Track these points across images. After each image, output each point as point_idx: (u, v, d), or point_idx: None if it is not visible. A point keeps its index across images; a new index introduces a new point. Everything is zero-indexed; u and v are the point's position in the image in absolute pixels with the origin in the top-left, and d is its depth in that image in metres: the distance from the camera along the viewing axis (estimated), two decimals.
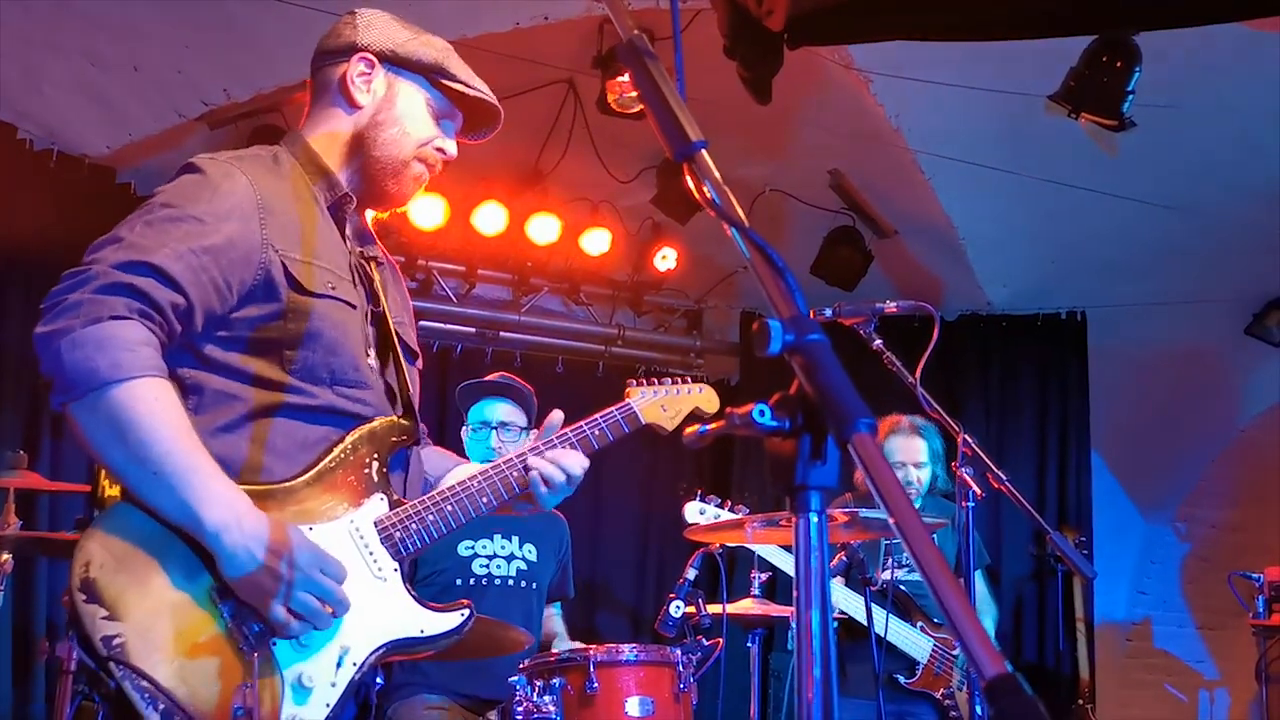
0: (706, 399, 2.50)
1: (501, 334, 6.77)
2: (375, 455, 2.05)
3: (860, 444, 0.94)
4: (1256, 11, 3.93)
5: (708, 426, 1.10)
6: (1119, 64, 4.26)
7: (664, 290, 7.22)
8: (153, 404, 1.77)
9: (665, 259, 6.68)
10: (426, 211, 5.96)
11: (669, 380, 2.48)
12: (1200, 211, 5.77)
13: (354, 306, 2.07)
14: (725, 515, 3.99)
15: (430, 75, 2.18)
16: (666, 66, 1.39)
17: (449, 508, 2.09)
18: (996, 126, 5.37)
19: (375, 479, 2.04)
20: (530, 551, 4.27)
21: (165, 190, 1.96)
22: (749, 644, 3.83)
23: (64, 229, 5.16)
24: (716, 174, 1.23)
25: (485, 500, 2.12)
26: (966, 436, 3.27)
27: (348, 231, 2.17)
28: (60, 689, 3.53)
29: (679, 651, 3.25)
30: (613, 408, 2.35)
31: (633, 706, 3.12)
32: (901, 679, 4.65)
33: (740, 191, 1.25)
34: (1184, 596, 7.13)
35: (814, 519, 1.02)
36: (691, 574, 3.52)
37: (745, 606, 3.74)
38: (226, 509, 1.80)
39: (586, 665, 3.11)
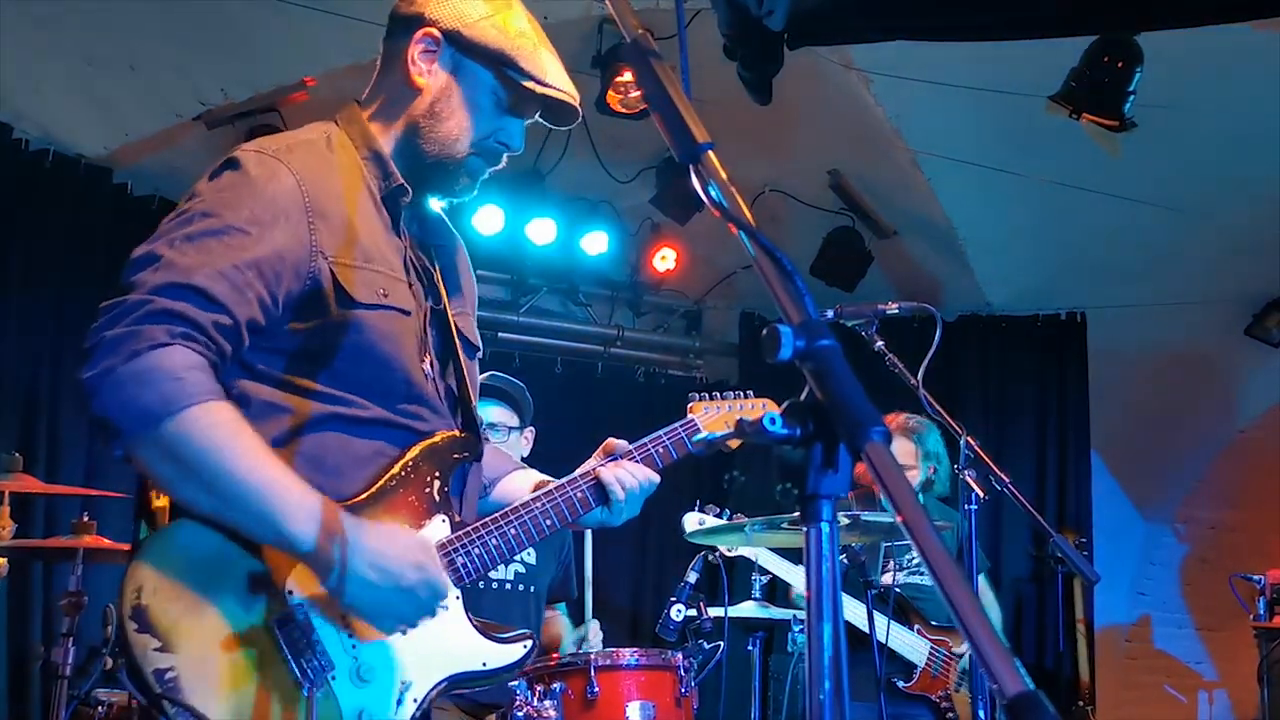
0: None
1: (500, 334, 6.75)
2: (437, 474, 1.92)
3: (874, 453, 0.93)
4: (1258, 12, 3.92)
5: (716, 435, 1.08)
6: (1120, 64, 4.25)
7: (663, 291, 7.21)
8: (210, 431, 1.66)
9: (664, 259, 6.67)
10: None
11: (730, 394, 2.36)
12: (1200, 212, 5.76)
13: (408, 313, 1.92)
14: (724, 524, 3.97)
15: (496, 66, 1.96)
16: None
17: (512, 531, 1.97)
18: (997, 126, 5.36)
19: (437, 499, 1.92)
20: (529, 554, 4.24)
21: (205, 192, 1.81)
22: (750, 647, 3.81)
23: (60, 230, 5.16)
24: (724, 175, 1.21)
25: (549, 523, 2.02)
26: (969, 439, 3.25)
27: (403, 223, 2.00)
28: (55, 694, 3.50)
29: (680, 655, 3.23)
30: (676, 424, 2.22)
31: (634, 711, 3.09)
32: (899, 683, 4.64)
33: (739, 192, 1.23)
34: (1183, 598, 7.11)
35: (825, 528, 0.99)
36: (693, 577, 3.50)
37: (746, 609, 3.72)
38: (313, 521, 1.69)
39: (587, 669, 3.09)
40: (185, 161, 5.33)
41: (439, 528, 1.91)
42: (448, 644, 1.87)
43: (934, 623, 4.81)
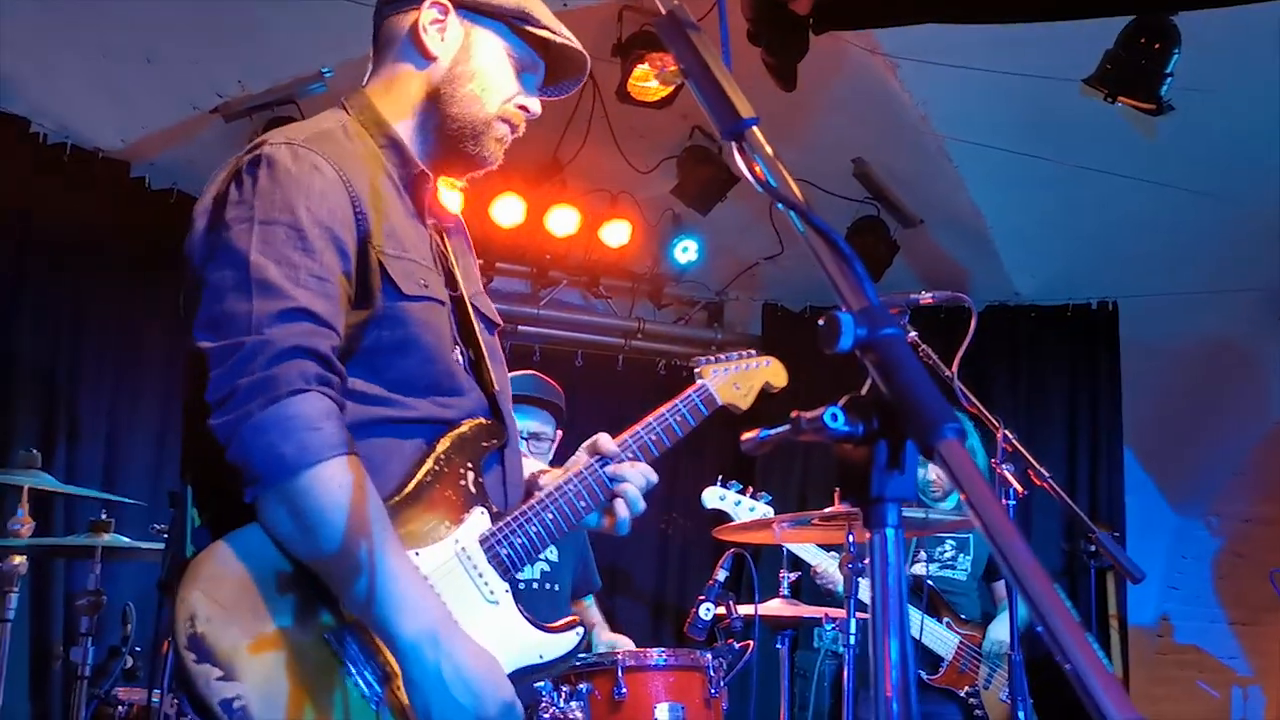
0: (774, 372, 2.36)
1: (520, 327, 6.68)
2: (469, 465, 1.88)
3: (950, 452, 0.84)
4: None
5: (769, 431, 1.00)
6: (1157, 45, 4.14)
7: (684, 282, 7.12)
8: (339, 493, 1.61)
9: (686, 251, 6.59)
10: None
11: (735, 354, 2.32)
12: (1235, 199, 5.63)
13: (443, 304, 1.90)
14: (745, 501, 3.90)
15: (510, 21, 1.95)
16: None
17: (549, 516, 1.94)
18: (1026, 112, 5.25)
19: (473, 490, 1.88)
20: (552, 552, 4.18)
21: (251, 198, 1.72)
22: (779, 645, 3.74)
23: (78, 224, 5.11)
24: (770, 152, 1.13)
25: (583, 504, 1.97)
26: (1007, 433, 3.16)
27: (425, 211, 1.98)
28: (76, 693, 3.46)
29: (709, 655, 3.16)
30: (690, 391, 2.19)
31: (662, 713, 3.03)
32: (924, 675, 4.57)
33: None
34: (1216, 592, 6.99)
35: (891, 534, 0.91)
36: (722, 575, 3.43)
37: (775, 607, 3.65)
38: (424, 620, 1.64)
39: (614, 670, 3.02)
40: (203, 154, 5.28)
41: (479, 520, 1.86)
42: (504, 640, 1.82)
43: (964, 616, 4.73)
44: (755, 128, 1.17)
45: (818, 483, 6.78)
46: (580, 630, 1.92)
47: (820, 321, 0.93)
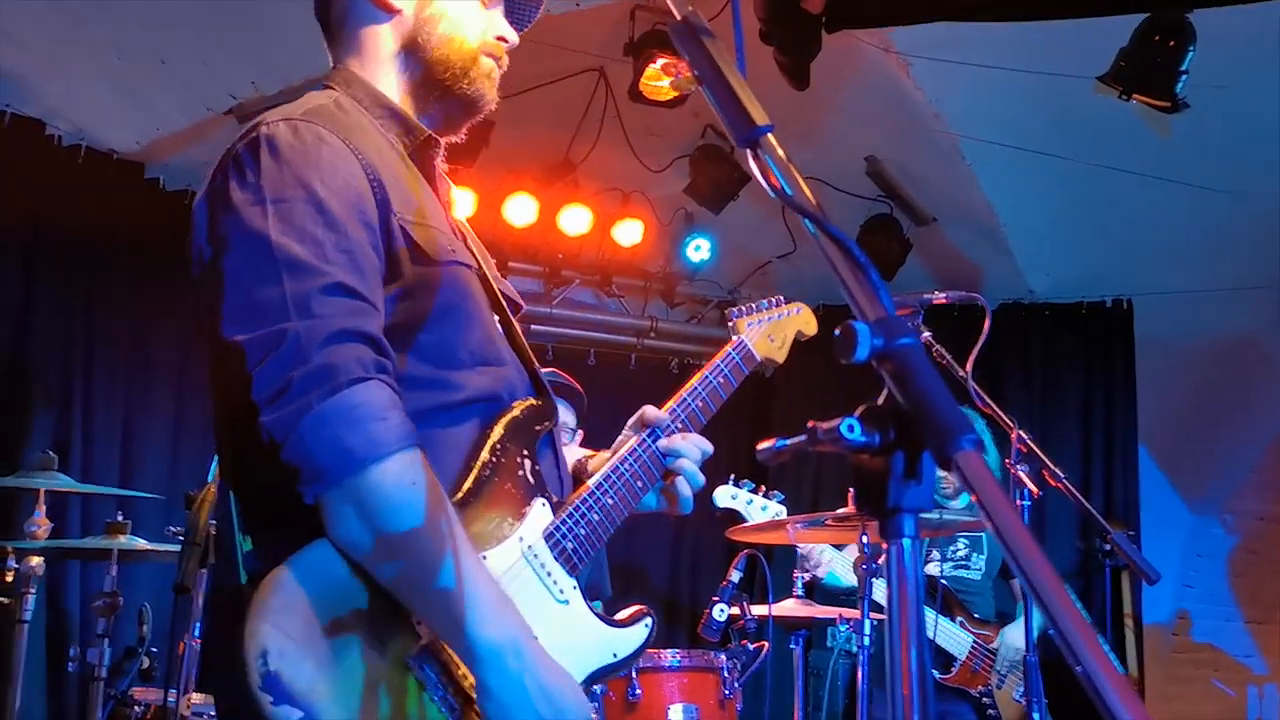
0: (805, 320, 2.25)
1: (533, 326, 6.69)
2: (525, 452, 1.75)
3: (966, 463, 0.84)
4: None
5: (785, 442, 1.00)
6: (1172, 43, 4.11)
7: (697, 281, 7.12)
8: (410, 490, 1.48)
9: (699, 249, 6.59)
10: (456, 203, 5.89)
11: (767, 303, 2.20)
12: (1250, 195, 5.59)
13: (472, 268, 1.77)
14: (758, 500, 3.89)
15: None
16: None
17: (610, 501, 1.83)
18: (1040, 109, 5.22)
19: (531, 480, 1.75)
20: None
21: (257, 179, 1.58)
22: (792, 645, 3.74)
23: (93, 225, 5.14)
24: (785, 159, 1.12)
25: (640, 485, 1.87)
26: (1021, 434, 3.15)
27: (437, 180, 1.87)
28: (92, 694, 3.48)
29: (723, 656, 3.16)
30: (728, 349, 2.08)
31: (676, 714, 3.03)
32: (937, 674, 4.56)
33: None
34: (1231, 590, 6.96)
35: (908, 545, 0.91)
36: (736, 576, 3.42)
37: (788, 608, 3.65)
38: (507, 629, 1.53)
39: (628, 671, 3.02)
40: (217, 155, 5.29)
41: (541, 513, 1.75)
42: (578, 641, 1.74)
43: (977, 615, 4.72)
44: (770, 134, 1.16)
45: (831, 480, 6.78)
46: (649, 621, 1.84)
47: (836, 332, 0.93)
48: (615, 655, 1.80)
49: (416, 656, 1.55)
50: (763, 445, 1.04)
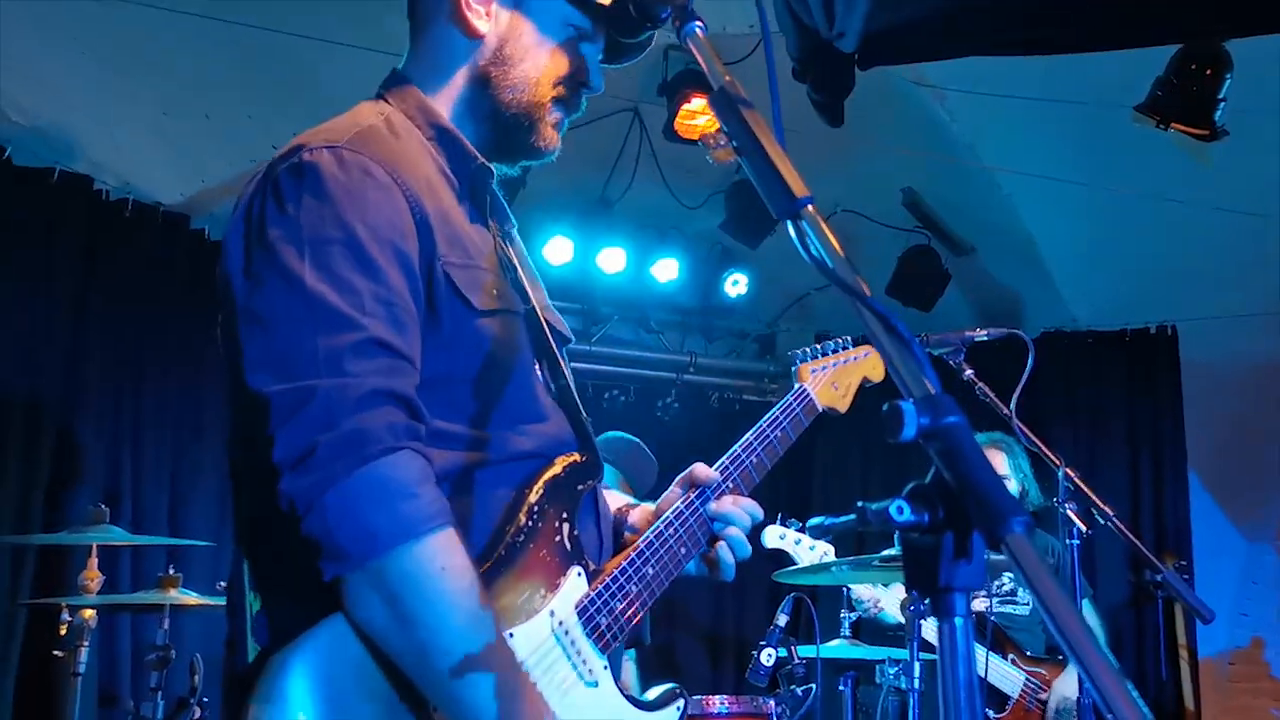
0: (872, 365, 2.15)
1: (573, 364, 6.70)
2: (565, 515, 1.63)
3: (1018, 546, 0.84)
4: None
5: (834, 520, 1.00)
6: (1209, 71, 4.08)
7: (735, 315, 7.13)
8: (442, 578, 1.39)
9: (736, 284, 6.60)
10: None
11: (833, 346, 2.11)
12: None
13: (518, 314, 1.66)
14: (805, 540, 3.87)
15: None
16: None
17: (650, 570, 1.71)
18: (1075, 138, 5.20)
19: (568, 546, 1.63)
20: None
21: (297, 213, 1.48)
22: (841, 686, 3.71)
23: (141, 278, 5.24)
24: (828, 231, 1.13)
25: (684, 551, 1.75)
26: (1068, 470, 3.12)
27: (488, 211, 1.74)
28: None
29: (772, 702, 3.13)
30: (790, 399, 1.98)
31: None
32: (991, 714, 4.49)
33: None
34: None
35: (960, 624, 0.91)
36: (782, 620, 3.41)
37: (836, 648, 3.62)
38: None
39: None
40: None
41: (575, 584, 1.63)
42: None
43: (1029, 653, 4.66)
44: (811, 205, 1.17)
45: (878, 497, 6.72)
46: (681, 704, 1.75)
47: (884, 409, 0.94)
48: None
49: None
50: (813, 522, 1.05)
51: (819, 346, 2.11)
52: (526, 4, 1.71)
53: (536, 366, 1.69)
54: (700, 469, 1.84)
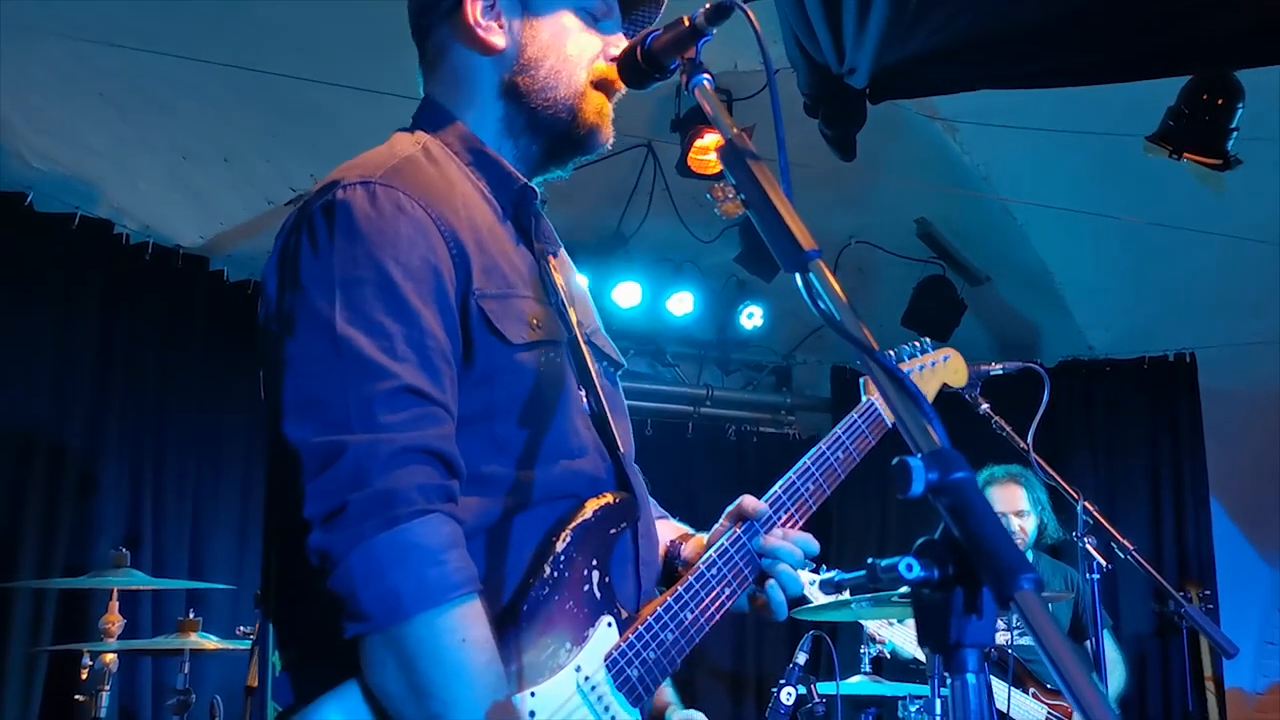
0: (953, 369, 2.03)
1: None
2: (595, 562, 1.55)
3: (1026, 603, 0.84)
4: None
5: (845, 576, 1.01)
6: (1220, 101, 4.08)
7: (751, 347, 7.14)
8: (462, 650, 1.34)
9: (751, 317, 6.62)
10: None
11: (909, 350, 1.98)
12: None
13: (559, 344, 1.60)
14: (821, 577, 3.85)
15: None
16: (745, 125, 1.29)
17: (688, 615, 1.60)
18: (1089, 168, 5.21)
19: (598, 595, 1.54)
20: None
21: (329, 253, 1.45)
22: None
23: (161, 320, 5.29)
24: (836, 286, 1.14)
25: (729, 592, 1.65)
26: (1087, 504, 3.10)
27: (534, 235, 1.69)
28: None
29: None
30: (854, 416, 1.86)
31: None
32: None
33: (824, 244, 1.15)
34: None
35: (971, 680, 0.91)
36: (801, 658, 3.39)
37: (856, 685, 3.59)
38: None
39: None
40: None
41: (605, 635, 1.54)
42: None
43: (1050, 686, 4.61)
44: (819, 259, 1.19)
45: (895, 541, 6.69)
46: None
47: (892, 464, 0.94)
48: None
49: None
50: (824, 577, 1.05)
51: (891, 353, 1.92)
52: (533, 4, 1.69)
53: (583, 395, 1.64)
54: (749, 501, 1.75)
